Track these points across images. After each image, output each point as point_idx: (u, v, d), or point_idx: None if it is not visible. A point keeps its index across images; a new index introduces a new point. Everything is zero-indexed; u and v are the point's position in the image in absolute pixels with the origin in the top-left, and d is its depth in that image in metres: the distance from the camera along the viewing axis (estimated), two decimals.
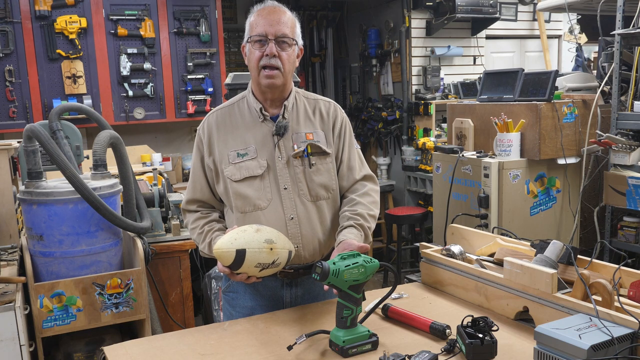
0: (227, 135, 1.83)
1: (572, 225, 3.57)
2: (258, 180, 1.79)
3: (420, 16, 5.48)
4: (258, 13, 1.77)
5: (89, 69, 4.77)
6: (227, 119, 1.86)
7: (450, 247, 1.92)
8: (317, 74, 6.93)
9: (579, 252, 1.71)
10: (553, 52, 6.23)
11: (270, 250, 1.61)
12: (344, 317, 1.49)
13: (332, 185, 1.85)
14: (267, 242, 1.61)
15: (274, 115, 1.84)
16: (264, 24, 1.73)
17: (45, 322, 2.26)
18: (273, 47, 1.73)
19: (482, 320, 1.45)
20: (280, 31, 1.73)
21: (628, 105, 3.38)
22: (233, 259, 1.59)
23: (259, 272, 1.64)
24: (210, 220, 1.88)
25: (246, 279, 1.66)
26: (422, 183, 5.15)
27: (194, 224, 1.89)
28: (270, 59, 1.73)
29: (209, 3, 5.07)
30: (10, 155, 2.68)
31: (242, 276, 1.65)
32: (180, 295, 2.96)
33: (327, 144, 1.85)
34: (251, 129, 1.83)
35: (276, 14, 1.75)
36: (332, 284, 1.47)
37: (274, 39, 1.73)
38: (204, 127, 1.88)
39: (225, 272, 1.66)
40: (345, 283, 1.47)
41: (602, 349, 1.22)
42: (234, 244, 1.59)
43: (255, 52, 1.75)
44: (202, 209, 1.91)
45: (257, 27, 1.74)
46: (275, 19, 1.74)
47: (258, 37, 1.73)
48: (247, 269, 1.62)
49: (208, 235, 1.83)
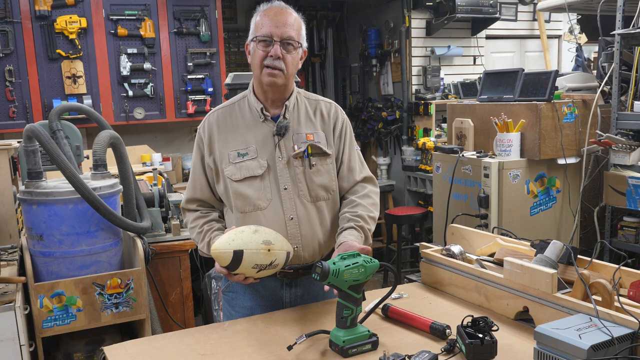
0: (228, 134, 1.83)
1: (572, 225, 3.57)
2: (258, 180, 1.79)
3: (420, 16, 5.47)
4: (264, 13, 1.76)
5: (89, 69, 4.77)
6: (227, 118, 1.86)
7: (450, 247, 1.92)
8: (317, 74, 6.93)
9: (579, 252, 1.71)
10: (553, 52, 6.23)
11: (267, 252, 1.61)
12: (344, 317, 1.49)
13: (332, 186, 1.85)
14: (265, 244, 1.61)
15: (275, 115, 1.84)
16: (270, 24, 1.73)
17: (45, 322, 2.26)
18: (278, 49, 1.72)
19: (482, 320, 1.45)
20: (286, 33, 1.73)
21: (628, 105, 3.38)
22: (230, 259, 1.59)
23: (257, 273, 1.64)
24: (210, 219, 1.88)
25: (243, 280, 1.66)
26: (422, 183, 5.15)
27: (193, 223, 1.89)
28: (274, 60, 1.73)
29: (209, 3, 5.07)
30: (10, 155, 2.68)
31: (239, 277, 1.65)
32: (180, 295, 2.96)
33: (327, 145, 1.84)
34: (252, 128, 1.83)
35: (283, 15, 1.74)
36: (332, 284, 1.47)
37: (280, 40, 1.72)
38: (205, 126, 1.88)
39: (222, 273, 1.66)
40: (345, 283, 1.47)
41: (602, 349, 1.22)
42: (232, 245, 1.59)
43: (259, 52, 1.74)
44: (201, 208, 1.91)
45: (263, 27, 1.74)
46: (281, 21, 1.73)
47: (263, 38, 1.73)
48: (244, 270, 1.62)
49: (207, 234, 1.83)
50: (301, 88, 1.99)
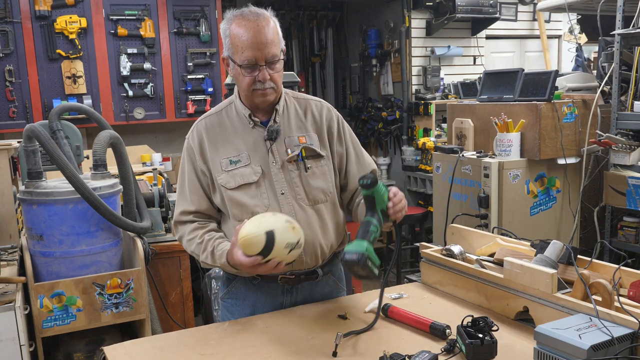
0: (218, 142, 1.78)
1: (572, 225, 3.57)
2: (254, 187, 1.75)
3: (420, 16, 5.48)
4: (242, 29, 1.64)
5: (89, 69, 4.77)
6: (216, 126, 1.80)
7: (450, 247, 1.92)
8: (317, 74, 6.92)
9: (579, 252, 1.71)
10: (553, 52, 6.23)
11: (293, 229, 1.56)
12: (369, 232, 1.52)
13: (330, 188, 1.82)
14: (288, 222, 1.57)
15: (264, 120, 1.79)
16: (251, 47, 1.63)
17: (45, 322, 2.26)
18: (266, 73, 1.66)
19: (482, 320, 1.45)
20: (270, 53, 1.65)
21: (628, 105, 3.38)
22: (264, 242, 1.52)
23: (288, 253, 1.57)
24: (209, 229, 1.80)
25: (274, 267, 1.58)
26: (422, 183, 5.15)
27: (190, 234, 1.79)
28: (264, 84, 1.68)
29: (209, 3, 5.07)
30: (10, 155, 2.68)
31: (272, 263, 1.56)
32: (180, 295, 2.96)
33: (321, 147, 1.81)
34: (241, 135, 1.78)
35: (262, 33, 1.64)
36: (373, 195, 1.53)
37: (265, 63, 1.66)
38: (194, 134, 1.82)
39: (254, 264, 1.55)
40: (383, 203, 1.54)
41: (602, 349, 1.22)
42: (261, 227, 1.53)
43: (245, 78, 1.68)
44: (199, 220, 1.82)
45: (244, 50, 1.64)
46: (262, 41, 1.63)
47: (248, 64, 1.66)
48: (277, 252, 1.54)
49: (209, 243, 1.75)
50: (301, 88, 1.97)
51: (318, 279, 1.84)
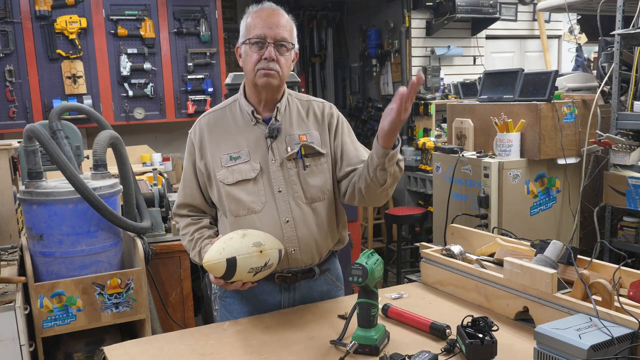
0: (219, 138, 1.81)
1: (572, 225, 3.57)
2: (251, 183, 1.76)
3: (420, 16, 5.48)
4: (256, 14, 1.73)
5: (89, 69, 4.77)
6: (219, 122, 1.83)
7: (450, 247, 1.92)
8: (317, 74, 6.92)
9: (579, 252, 1.71)
10: (553, 52, 6.23)
11: (260, 253, 1.59)
12: (372, 317, 1.49)
13: (327, 187, 1.82)
14: (255, 246, 1.59)
15: (266, 117, 1.81)
16: (262, 26, 1.70)
17: (45, 322, 2.26)
18: (272, 51, 1.69)
19: (482, 320, 1.45)
20: (279, 35, 1.70)
21: (628, 105, 3.38)
22: (225, 268, 1.56)
23: (253, 276, 1.62)
24: (201, 227, 1.84)
25: (241, 286, 1.64)
26: (422, 183, 5.15)
27: (184, 230, 1.86)
28: (268, 63, 1.70)
29: (209, 3, 5.07)
30: (10, 155, 2.68)
31: (236, 284, 1.63)
32: (180, 295, 2.95)
33: (322, 145, 1.81)
34: (243, 132, 1.80)
35: (275, 16, 1.72)
36: (367, 284, 1.47)
37: (273, 42, 1.70)
38: (196, 130, 1.86)
39: (219, 284, 1.64)
40: (374, 281, 1.49)
41: (602, 349, 1.22)
42: (223, 254, 1.56)
43: (252, 55, 1.71)
44: (193, 214, 1.88)
45: (255, 28, 1.70)
46: (274, 22, 1.71)
47: (256, 39, 1.70)
48: (240, 276, 1.59)
49: (197, 243, 1.80)
50: (301, 88, 1.97)
51: (315, 277, 1.84)
